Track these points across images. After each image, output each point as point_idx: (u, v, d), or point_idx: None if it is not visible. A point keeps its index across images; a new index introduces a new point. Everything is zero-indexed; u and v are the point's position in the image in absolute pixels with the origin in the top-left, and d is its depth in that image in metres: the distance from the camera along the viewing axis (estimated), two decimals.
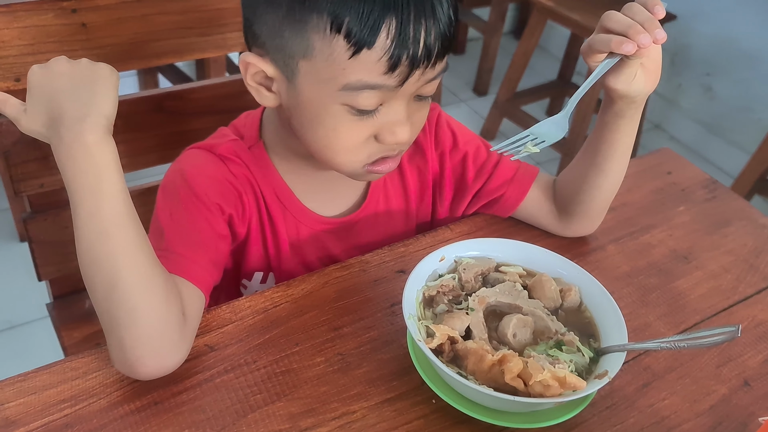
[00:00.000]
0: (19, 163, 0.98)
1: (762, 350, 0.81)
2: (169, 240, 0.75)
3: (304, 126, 0.76)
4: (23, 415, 0.64)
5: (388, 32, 0.67)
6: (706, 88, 2.73)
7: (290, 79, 0.73)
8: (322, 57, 0.69)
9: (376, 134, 0.75)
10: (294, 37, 0.70)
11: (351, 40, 0.67)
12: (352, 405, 0.69)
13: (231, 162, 0.83)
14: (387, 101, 0.73)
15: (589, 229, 0.93)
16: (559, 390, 0.64)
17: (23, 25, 0.88)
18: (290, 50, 0.71)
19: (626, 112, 0.80)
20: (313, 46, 0.69)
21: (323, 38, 0.68)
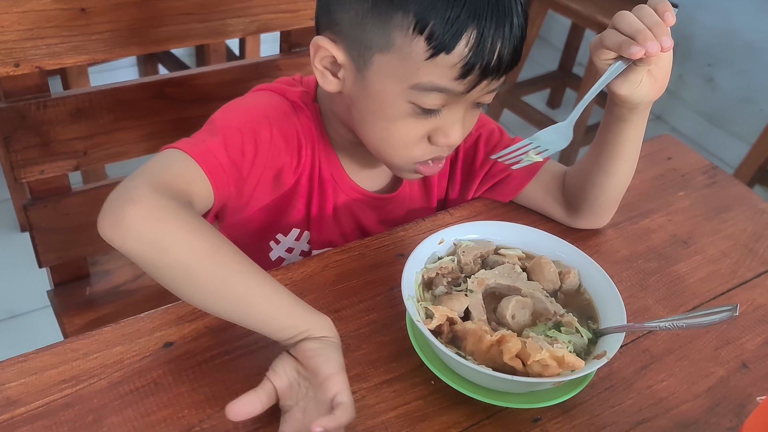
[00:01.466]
0: (19, 149, 0.98)
1: (760, 333, 0.82)
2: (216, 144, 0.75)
3: (364, 116, 0.78)
4: (24, 395, 0.64)
5: (468, 41, 0.68)
6: (708, 79, 2.73)
7: (360, 70, 0.74)
8: (400, 54, 0.70)
9: (429, 134, 0.77)
10: (375, 30, 0.71)
11: (432, 43, 0.69)
12: (352, 386, 0.68)
13: (301, 111, 0.84)
14: (449, 104, 0.74)
15: (596, 224, 0.93)
16: (558, 370, 0.64)
17: (22, 10, 0.88)
18: (368, 42, 0.72)
19: (629, 116, 0.80)
20: (393, 42, 0.70)
21: (405, 36, 0.69)
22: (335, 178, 0.87)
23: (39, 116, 0.97)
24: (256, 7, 1.08)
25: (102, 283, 1.20)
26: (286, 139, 0.81)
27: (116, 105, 1.04)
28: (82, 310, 1.15)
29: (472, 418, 0.68)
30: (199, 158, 0.72)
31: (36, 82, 0.95)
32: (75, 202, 1.08)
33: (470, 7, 0.68)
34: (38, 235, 1.08)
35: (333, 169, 0.87)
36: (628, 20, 0.71)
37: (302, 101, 0.84)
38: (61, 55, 0.95)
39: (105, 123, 1.04)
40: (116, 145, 1.07)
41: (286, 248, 0.91)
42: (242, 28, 1.10)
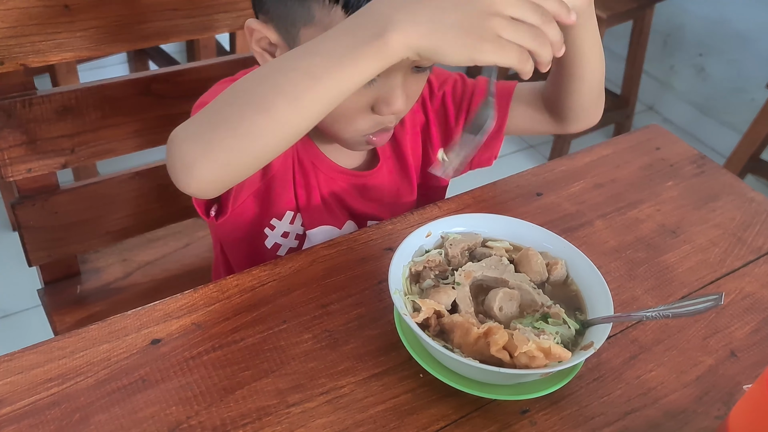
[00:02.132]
0: (6, 148, 0.98)
1: (749, 321, 0.82)
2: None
3: None
4: (10, 394, 0.64)
5: None
6: (699, 69, 2.73)
7: (291, 47, 0.75)
8: (322, 26, 0.71)
9: (372, 105, 0.76)
10: (296, 5, 0.72)
11: (348, 11, 0.69)
12: (340, 380, 0.69)
13: None
14: (384, 72, 0.72)
15: (588, 123, 0.93)
16: (545, 361, 0.64)
17: (5, 8, 0.87)
18: (292, 18, 0.73)
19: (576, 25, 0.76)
20: (314, 15, 0.71)
21: (323, 8, 0.70)
22: (313, 159, 0.88)
23: (25, 114, 0.97)
24: (243, 1, 1.08)
25: (92, 281, 1.19)
26: None
27: (103, 102, 1.04)
28: (72, 308, 1.15)
29: (460, 410, 0.68)
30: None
31: (21, 79, 0.95)
32: (63, 200, 1.08)
33: None
34: (27, 233, 1.07)
35: (310, 151, 0.88)
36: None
37: None
38: (46, 52, 0.94)
39: (92, 120, 1.04)
40: (104, 142, 1.07)
41: (281, 233, 0.91)
42: (229, 23, 1.09)
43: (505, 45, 0.57)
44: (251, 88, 0.63)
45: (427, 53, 0.58)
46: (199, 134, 0.64)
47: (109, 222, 1.15)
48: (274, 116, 0.62)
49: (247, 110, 0.62)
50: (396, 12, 0.58)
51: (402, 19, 0.57)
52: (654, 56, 2.78)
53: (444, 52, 0.57)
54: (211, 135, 0.63)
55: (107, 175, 1.12)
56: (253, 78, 0.64)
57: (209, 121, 0.64)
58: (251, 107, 0.62)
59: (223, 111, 0.64)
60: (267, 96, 0.61)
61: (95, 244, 1.17)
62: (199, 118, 0.65)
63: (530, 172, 1.01)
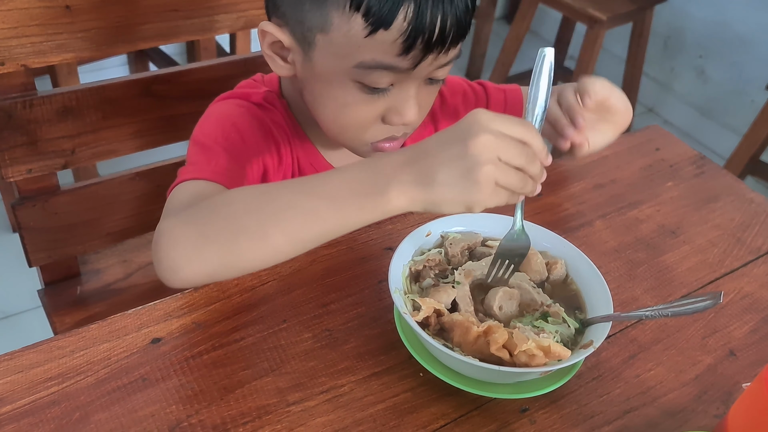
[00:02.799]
0: (6, 149, 0.98)
1: (748, 321, 0.82)
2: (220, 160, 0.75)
3: (315, 99, 0.78)
4: (10, 393, 0.64)
5: (406, 15, 0.68)
6: (699, 72, 2.73)
7: (306, 52, 0.74)
8: (340, 33, 0.70)
9: (383, 114, 0.76)
10: (314, 10, 0.71)
11: (369, 19, 0.68)
12: (340, 379, 0.69)
13: (268, 110, 0.83)
14: (398, 82, 0.74)
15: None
16: (544, 359, 0.64)
17: (6, 8, 0.87)
18: (309, 23, 0.72)
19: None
20: (332, 22, 0.70)
21: (342, 14, 0.69)
22: (317, 169, 0.87)
23: (25, 115, 0.97)
24: (243, 2, 1.08)
25: (92, 281, 1.20)
26: (265, 140, 0.81)
27: (103, 103, 1.04)
28: (72, 309, 1.15)
29: (460, 409, 0.68)
30: (209, 175, 0.72)
31: (22, 80, 0.95)
32: (63, 201, 1.08)
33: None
34: (27, 234, 1.07)
35: (313, 161, 0.87)
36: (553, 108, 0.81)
37: (266, 101, 0.84)
38: (47, 53, 0.94)
39: (92, 121, 1.04)
40: (104, 143, 1.07)
41: None
42: (229, 25, 1.09)
43: (497, 191, 0.59)
44: (249, 212, 0.63)
45: (427, 208, 0.61)
46: (190, 243, 0.63)
47: (110, 223, 1.16)
48: (270, 246, 0.63)
49: (242, 235, 0.63)
50: (397, 172, 0.60)
51: (402, 180, 0.60)
52: (654, 58, 2.78)
53: (442, 207, 0.60)
54: (203, 247, 0.63)
55: (107, 176, 1.13)
56: (251, 201, 0.63)
57: (201, 233, 0.63)
58: (247, 234, 0.62)
59: (216, 225, 0.63)
60: (264, 227, 0.62)
61: (95, 245, 1.17)
62: (190, 223, 0.64)
63: None
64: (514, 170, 0.59)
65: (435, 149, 0.59)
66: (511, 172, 0.59)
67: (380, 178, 0.60)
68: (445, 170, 0.58)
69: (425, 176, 0.59)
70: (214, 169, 0.73)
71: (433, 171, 0.59)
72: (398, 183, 0.59)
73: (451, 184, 0.58)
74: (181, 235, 0.63)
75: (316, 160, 0.87)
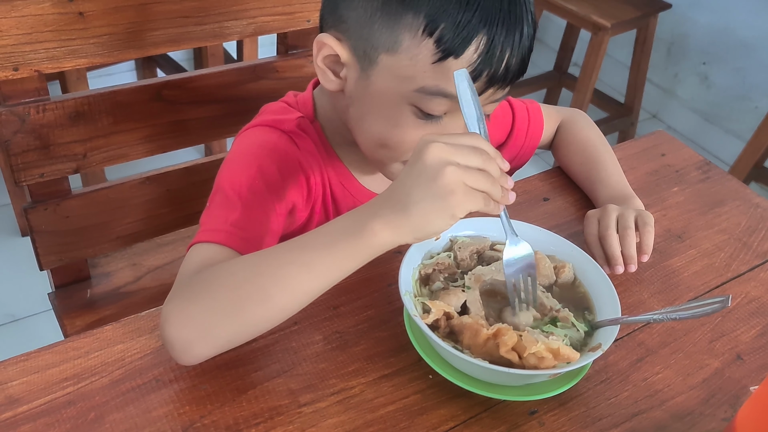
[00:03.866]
0: (19, 152, 0.99)
1: (755, 325, 0.82)
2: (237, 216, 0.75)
3: (363, 116, 0.77)
4: (26, 393, 0.65)
5: (478, 47, 0.68)
6: (703, 78, 2.74)
7: (365, 69, 0.74)
8: (407, 56, 0.70)
9: None
10: (383, 29, 0.70)
11: (441, 47, 0.68)
12: (350, 381, 0.70)
13: (300, 139, 0.83)
14: (452, 112, 0.74)
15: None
16: (553, 362, 0.65)
17: (21, 14, 0.89)
18: (375, 41, 0.71)
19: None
20: (401, 43, 0.70)
21: (413, 38, 0.69)
22: (350, 191, 0.87)
23: (38, 120, 0.98)
24: (253, 9, 1.09)
25: (102, 284, 1.21)
26: (293, 178, 0.81)
27: (115, 108, 1.05)
28: (82, 312, 1.16)
29: (469, 411, 0.69)
30: (225, 241, 0.72)
31: (35, 85, 0.96)
32: (75, 204, 1.09)
33: (482, 12, 0.67)
34: (39, 237, 1.09)
35: (345, 183, 0.87)
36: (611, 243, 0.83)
37: (299, 128, 0.83)
38: (60, 58, 0.95)
39: (104, 126, 1.05)
40: (115, 147, 1.08)
41: None
42: (239, 31, 1.11)
43: (469, 192, 0.60)
44: (249, 278, 0.65)
45: (415, 235, 0.62)
46: (198, 322, 0.65)
47: (120, 226, 1.17)
48: (274, 306, 0.65)
49: (247, 302, 0.64)
50: (376, 208, 0.62)
51: (382, 213, 0.62)
52: (658, 64, 2.79)
53: (426, 227, 0.61)
54: (210, 322, 0.65)
55: (118, 180, 1.14)
56: (250, 267, 0.65)
57: (208, 308, 0.65)
58: (251, 299, 0.64)
59: (219, 298, 0.65)
60: (266, 287, 0.64)
61: (105, 248, 1.18)
62: (194, 301, 0.65)
63: (537, 178, 1.02)
64: (476, 170, 0.61)
65: (402, 179, 0.62)
66: (475, 172, 0.60)
67: (362, 218, 0.63)
68: (414, 190, 0.60)
69: (399, 203, 0.61)
70: (228, 230, 0.73)
71: (405, 195, 0.61)
72: (378, 217, 0.62)
73: (425, 199, 0.60)
74: (188, 315, 0.65)
75: (347, 180, 0.87)
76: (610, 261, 0.83)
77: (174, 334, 0.64)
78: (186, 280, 0.69)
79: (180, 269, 0.72)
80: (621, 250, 0.83)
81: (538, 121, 1.01)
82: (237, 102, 1.17)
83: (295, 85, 1.19)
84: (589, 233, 0.86)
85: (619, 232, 0.84)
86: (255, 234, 0.75)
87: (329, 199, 0.86)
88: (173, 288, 0.69)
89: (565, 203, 0.98)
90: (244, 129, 0.86)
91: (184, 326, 0.64)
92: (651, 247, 0.84)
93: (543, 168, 1.06)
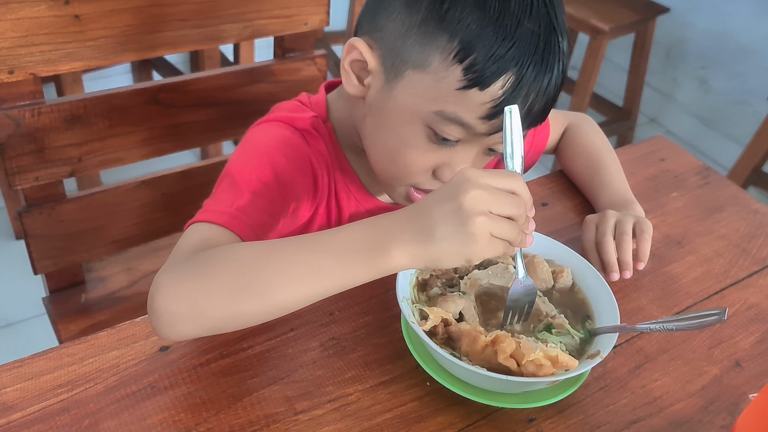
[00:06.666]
0: (14, 156, 0.98)
1: (753, 332, 0.82)
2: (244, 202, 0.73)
3: (378, 128, 0.77)
4: (20, 400, 0.64)
5: (505, 83, 0.68)
6: (702, 82, 2.74)
7: (389, 81, 0.73)
8: (434, 77, 0.70)
9: (436, 167, 0.76)
10: (416, 46, 0.70)
11: (468, 75, 0.68)
12: (347, 388, 0.70)
13: (312, 137, 0.82)
14: (465, 142, 0.73)
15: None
16: (552, 369, 0.64)
17: (16, 17, 0.88)
18: (405, 56, 0.71)
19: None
20: (430, 63, 0.69)
21: (444, 60, 0.69)
22: (355, 196, 0.87)
23: (33, 123, 0.97)
24: (250, 12, 1.09)
25: (97, 289, 1.20)
26: (302, 174, 0.80)
27: (110, 111, 1.04)
28: (77, 316, 1.15)
29: (467, 418, 0.68)
30: (228, 224, 0.71)
31: (30, 89, 0.96)
32: (70, 208, 1.08)
33: (517, 50, 0.67)
34: (33, 242, 1.08)
35: (352, 188, 0.86)
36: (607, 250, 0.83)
37: (313, 127, 0.83)
38: (56, 61, 0.95)
39: (99, 129, 1.05)
40: (111, 151, 1.08)
41: None
42: (236, 34, 1.10)
43: (492, 241, 0.60)
44: (252, 268, 0.63)
45: (428, 264, 0.62)
46: (191, 299, 0.62)
47: (115, 231, 1.16)
48: (272, 301, 0.63)
49: (246, 290, 0.62)
50: (398, 231, 0.61)
51: (403, 238, 0.61)
52: (656, 68, 2.79)
53: (442, 261, 0.61)
54: (204, 302, 0.62)
55: (113, 184, 1.13)
56: (255, 257, 0.63)
57: (203, 288, 0.62)
58: (250, 290, 0.62)
59: (218, 280, 0.62)
60: (268, 282, 0.62)
61: (100, 252, 1.17)
62: (191, 278, 0.63)
63: (536, 182, 1.02)
64: (506, 220, 0.60)
65: (430, 207, 0.60)
66: (504, 222, 0.60)
67: (382, 236, 0.61)
68: (441, 226, 0.59)
69: (424, 234, 0.60)
70: (233, 214, 0.72)
71: (431, 228, 0.60)
72: (399, 242, 0.61)
73: (449, 239, 0.59)
74: (182, 290, 0.62)
75: (354, 185, 0.86)
76: (605, 267, 0.83)
77: (163, 305, 0.62)
78: (184, 255, 0.67)
79: (177, 244, 0.70)
80: (617, 257, 0.82)
81: (544, 127, 1.01)
82: (233, 105, 1.16)
83: (292, 88, 1.19)
84: (586, 239, 0.86)
85: (616, 238, 0.83)
86: (260, 223, 0.74)
87: (333, 202, 0.86)
88: (169, 260, 0.67)
89: (564, 208, 0.97)
90: (257, 123, 0.85)
91: (175, 300, 0.62)
92: (647, 255, 0.83)
93: (542, 172, 1.06)
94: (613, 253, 0.82)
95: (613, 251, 0.83)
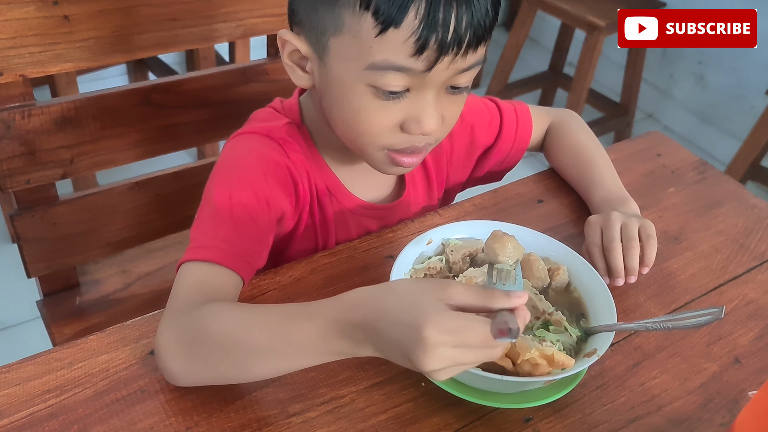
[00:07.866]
0: (5, 159, 0.97)
1: (752, 328, 0.81)
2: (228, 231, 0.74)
3: (332, 106, 0.77)
4: (8, 406, 0.63)
5: (417, 12, 0.66)
6: (699, 77, 2.73)
7: (321, 57, 0.74)
8: (351, 34, 0.69)
9: (402, 122, 0.74)
10: (326, 13, 0.70)
11: (379, 18, 0.67)
12: (341, 390, 0.69)
13: (289, 146, 0.82)
14: (415, 88, 0.72)
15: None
16: (548, 368, 0.64)
17: (4, 19, 0.87)
18: (322, 27, 0.72)
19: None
20: (343, 23, 0.69)
21: (353, 15, 0.68)
22: (336, 197, 0.86)
23: (24, 125, 0.96)
24: (242, 11, 1.08)
25: (92, 292, 1.19)
26: (283, 187, 0.80)
27: (102, 112, 1.03)
28: (71, 319, 1.14)
29: (463, 419, 0.68)
30: (217, 258, 0.71)
31: (20, 90, 0.94)
32: (62, 211, 1.07)
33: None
34: (26, 245, 1.07)
35: (332, 189, 0.86)
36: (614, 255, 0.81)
37: (289, 135, 0.82)
38: (45, 63, 0.94)
39: (91, 131, 1.04)
40: (103, 153, 1.07)
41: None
42: (228, 33, 1.09)
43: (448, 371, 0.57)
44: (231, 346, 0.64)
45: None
46: (183, 362, 0.65)
47: (109, 233, 1.15)
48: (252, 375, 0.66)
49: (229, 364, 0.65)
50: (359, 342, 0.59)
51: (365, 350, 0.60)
52: (653, 64, 2.78)
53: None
54: (194, 367, 0.66)
55: (106, 186, 1.12)
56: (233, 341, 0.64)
57: (192, 355, 0.65)
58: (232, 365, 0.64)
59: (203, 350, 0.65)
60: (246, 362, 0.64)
61: (94, 255, 1.16)
62: (183, 342, 0.65)
63: (531, 179, 1.01)
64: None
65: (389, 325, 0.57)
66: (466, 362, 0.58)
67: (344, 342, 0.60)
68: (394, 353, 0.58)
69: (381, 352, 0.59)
70: (220, 246, 0.72)
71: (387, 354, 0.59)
72: (360, 350, 0.60)
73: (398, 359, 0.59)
74: (178, 352, 0.65)
75: (334, 186, 0.86)
76: (612, 273, 0.81)
77: (163, 363, 0.66)
78: (183, 303, 0.69)
79: (173, 289, 0.71)
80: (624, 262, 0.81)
81: (526, 123, 1.00)
82: (227, 105, 1.15)
83: (285, 87, 1.18)
84: (592, 243, 0.84)
85: (624, 243, 0.81)
86: (246, 249, 0.74)
87: (316, 206, 0.85)
88: (168, 308, 0.69)
89: (560, 205, 0.97)
90: (234, 135, 0.84)
91: (173, 361, 0.66)
92: (653, 260, 0.82)
93: (538, 169, 1.04)
94: (621, 259, 0.81)
95: (621, 257, 0.81)
